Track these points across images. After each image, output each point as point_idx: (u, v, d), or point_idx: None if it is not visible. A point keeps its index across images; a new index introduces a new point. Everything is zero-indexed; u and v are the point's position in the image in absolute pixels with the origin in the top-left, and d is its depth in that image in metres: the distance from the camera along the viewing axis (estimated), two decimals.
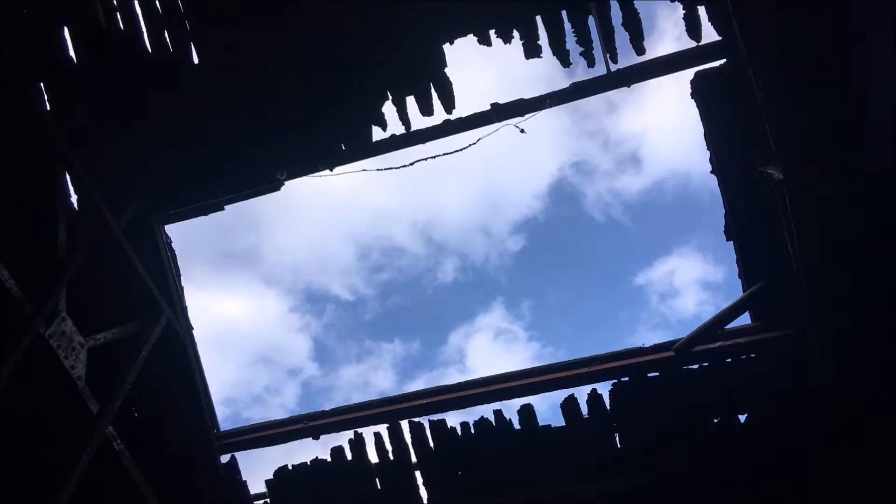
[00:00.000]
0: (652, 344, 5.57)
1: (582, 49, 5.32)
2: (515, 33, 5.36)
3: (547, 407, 5.96)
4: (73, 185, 5.61)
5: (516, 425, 5.76)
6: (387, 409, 5.92)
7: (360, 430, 6.02)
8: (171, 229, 6.23)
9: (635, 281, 38.74)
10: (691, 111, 5.35)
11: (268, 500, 6.28)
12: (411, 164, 5.90)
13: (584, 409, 5.65)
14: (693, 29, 5.18)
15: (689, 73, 5.28)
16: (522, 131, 5.58)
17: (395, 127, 5.73)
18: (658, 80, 5.39)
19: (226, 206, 6.13)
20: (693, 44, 5.24)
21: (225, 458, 6.20)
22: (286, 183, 5.91)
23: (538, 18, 5.30)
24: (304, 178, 5.93)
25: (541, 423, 5.74)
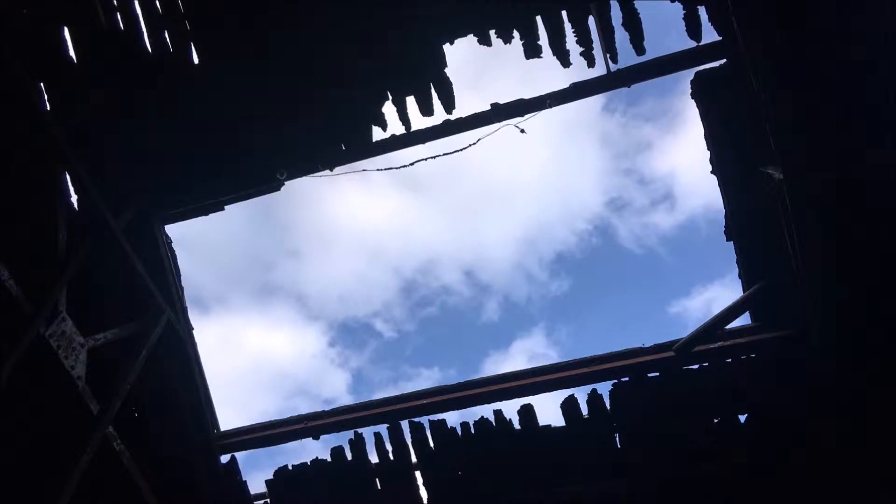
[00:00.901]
0: (652, 344, 5.57)
1: (582, 49, 5.32)
2: (515, 33, 5.36)
3: (547, 407, 5.95)
4: (73, 185, 5.61)
5: (516, 425, 5.76)
6: (387, 410, 5.92)
7: (360, 431, 6.02)
8: (211, 249, 6.23)
9: (671, 310, 38.93)
10: None
11: (268, 500, 6.28)
12: (411, 164, 5.91)
13: (585, 410, 5.65)
14: (693, 29, 5.18)
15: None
16: (522, 131, 5.58)
17: (395, 127, 5.74)
18: (693, 117, 5.38)
19: (226, 207, 6.14)
20: (693, 44, 5.25)
21: (225, 459, 6.20)
22: (286, 183, 5.92)
23: (538, 18, 5.30)
24: (305, 177, 5.94)
25: (541, 424, 5.75)
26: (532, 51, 5.40)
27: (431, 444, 5.91)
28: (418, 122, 5.69)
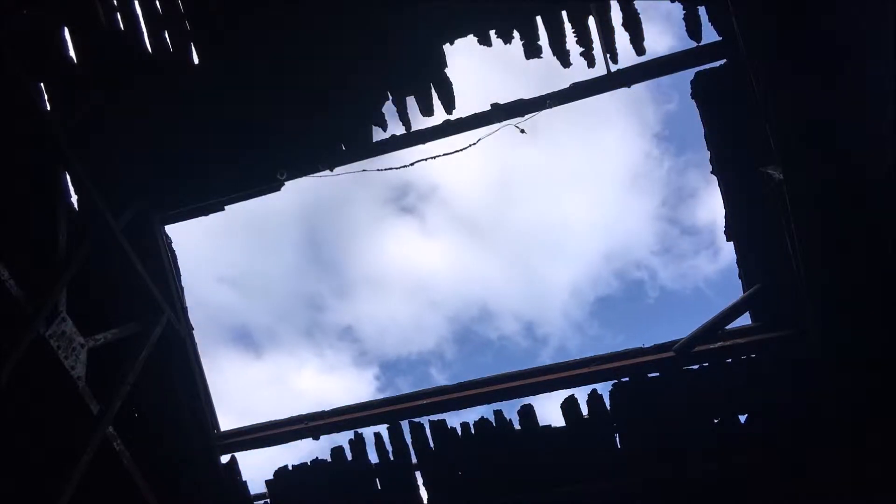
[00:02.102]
0: (652, 344, 5.57)
1: (582, 49, 5.32)
2: (516, 33, 5.36)
3: (547, 407, 5.95)
4: (73, 185, 5.61)
5: (516, 426, 5.76)
6: (387, 410, 5.92)
7: (360, 431, 6.02)
8: (261, 286, 6.18)
9: None
10: None
11: (268, 500, 6.28)
12: (411, 164, 5.91)
13: (585, 410, 5.65)
14: (693, 29, 5.18)
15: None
16: (522, 131, 5.59)
17: (395, 127, 5.75)
18: None
19: (226, 207, 6.14)
20: (693, 44, 5.25)
21: (225, 459, 6.20)
22: (286, 182, 5.92)
23: (538, 18, 5.30)
24: (305, 177, 5.94)
25: (541, 424, 5.75)
26: (532, 51, 5.40)
27: (431, 445, 5.91)
28: (418, 122, 5.71)
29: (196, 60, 5.62)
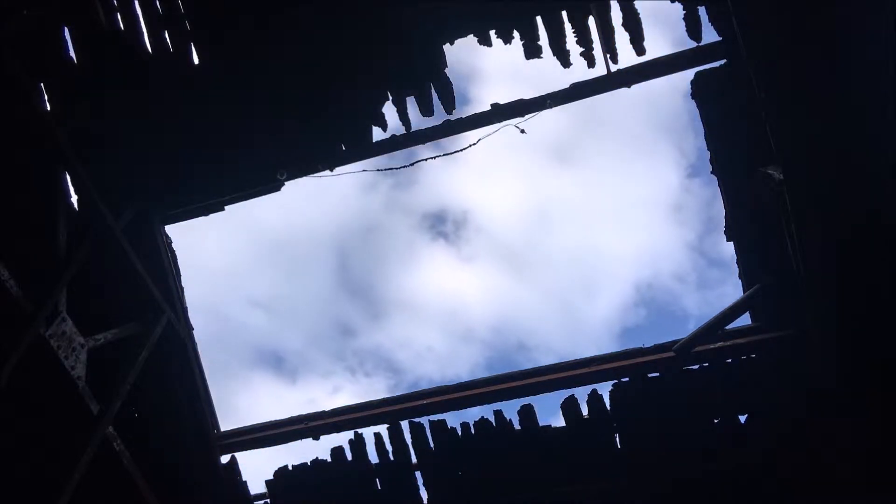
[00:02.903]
0: (653, 344, 5.57)
1: (582, 49, 5.32)
2: (515, 34, 5.36)
3: (547, 407, 5.96)
4: (73, 185, 5.60)
5: (516, 426, 5.76)
6: (387, 410, 5.92)
7: (360, 431, 6.02)
8: (294, 312, 6.08)
9: None
10: None
11: (268, 500, 6.28)
12: (411, 164, 5.92)
13: (585, 410, 5.65)
14: (693, 29, 5.18)
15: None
16: (523, 132, 5.59)
17: (395, 127, 5.75)
18: None
19: (226, 207, 6.14)
20: (693, 44, 5.25)
21: (225, 459, 6.20)
22: (286, 183, 5.92)
23: (538, 18, 5.30)
24: (305, 178, 5.94)
25: (541, 424, 5.75)
26: (532, 51, 5.40)
27: (431, 445, 5.91)
28: (419, 122, 5.71)
29: (196, 60, 5.62)
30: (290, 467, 6.21)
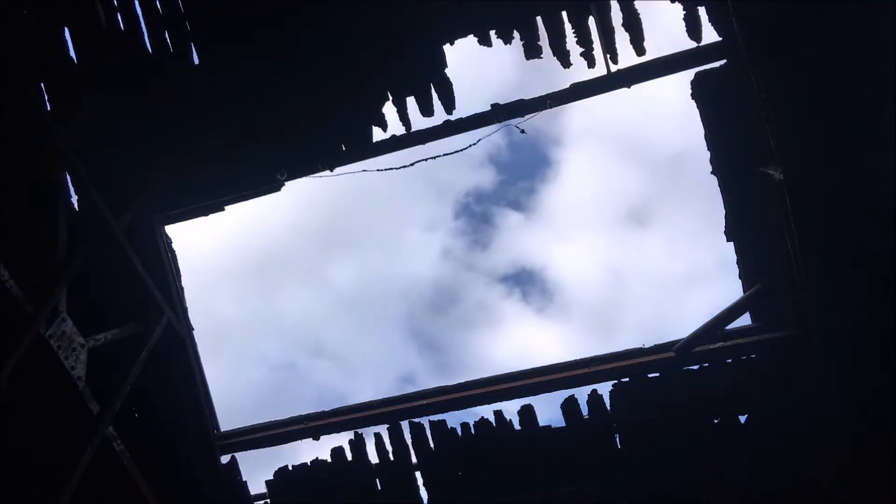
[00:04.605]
0: (653, 345, 5.57)
1: (582, 49, 5.32)
2: (516, 34, 5.36)
3: (548, 408, 5.95)
4: (73, 185, 5.60)
5: (517, 426, 5.75)
6: (387, 410, 5.92)
7: (360, 431, 6.02)
8: (365, 364, 6.00)
9: None
10: None
11: (268, 500, 6.28)
12: (411, 164, 5.91)
13: (585, 410, 5.65)
14: (693, 29, 5.18)
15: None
16: (522, 132, 5.59)
17: (395, 127, 5.74)
18: None
19: (226, 207, 6.14)
20: (693, 44, 5.25)
21: (225, 459, 6.20)
22: (286, 183, 5.92)
23: (538, 19, 5.30)
24: (305, 178, 5.94)
25: (541, 424, 5.75)
26: (532, 51, 5.40)
27: (431, 445, 5.91)
28: (419, 122, 5.71)
29: (196, 60, 5.62)
30: (290, 467, 6.21)
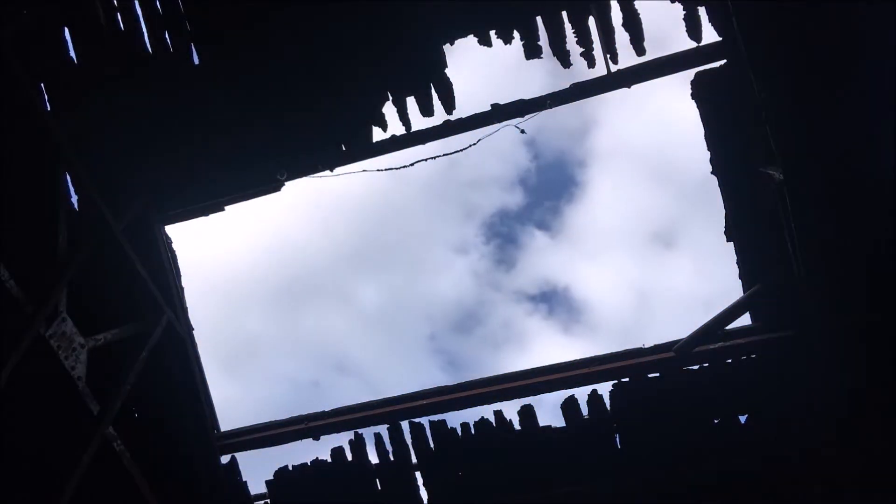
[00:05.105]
0: (653, 345, 5.57)
1: (582, 50, 5.32)
2: (516, 34, 5.36)
3: (547, 408, 5.95)
4: (73, 185, 5.60)
5: (517, 426, 5.75)
6: (387, 410, 5.92)
7: (360, 431, 6.02)
8: None
9: None
10: None
11: (268, 500, 6.28)
12: (412, 164, 5.91)
13: (585, 410, 5.65)
14: (693, 29, 5.18)
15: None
16: (523, 132, 5.59)
17: (395, 127, 5.74)
18: None
19: (226, 207, 6.14)
20: (693, 44, 5.25)
21: (225, 459, 6.20)
22: (286, 183, 5.92)
23: (538, 19, 5.30)
24: (305, 178, 5.94)
25: (541, 424, 5.74)
26: (532, 51, 5.40)
27: (431, 445, 5.91)
28: (419, 122, 5.70)
29: (196, 60, 5.62)
30: (290, 467, 6.21)
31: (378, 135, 5.75)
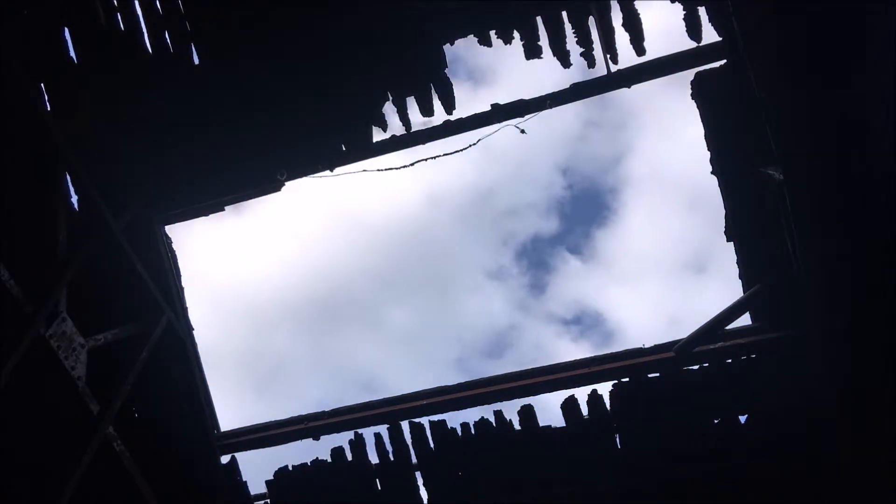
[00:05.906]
0: (653, 345, 5.57)
1: (582, 50, 5.32)
2: (516, 34, 5.36)
3: (547, 407, 5.95)
4: (73, 185, 5.60)
5: (517, 426, 5.75)
6: (387, 410, 5.92)
7: (360, 431, 6.02)
8: None
9: None
10: None
11: (268, 500, 6.28)
12: (412, 164, 5.91)
13: (585, 410, 5.65)
14: (693, 29, 5.18)
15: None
16: (523, 132, 5.59)
17: (395, 127, 5.75)
18: None
19: (226, 207, 6.14)
20: (693, 44, 5.25)
21: (225, 459, 6.20)
22: (286, 183, 5.92)
23: (538, 19, 5.30)
24: (305, 178, 5.94)
25: (541, 424, 5.74)
26: (532, 51, 5.40)
27: (431, 445, 5.91)
28: (419, 122, 5.71)
29: (196, 60, 5.62)
30: (290, 467, 6.20)
31: (378, 135, 5.76)
